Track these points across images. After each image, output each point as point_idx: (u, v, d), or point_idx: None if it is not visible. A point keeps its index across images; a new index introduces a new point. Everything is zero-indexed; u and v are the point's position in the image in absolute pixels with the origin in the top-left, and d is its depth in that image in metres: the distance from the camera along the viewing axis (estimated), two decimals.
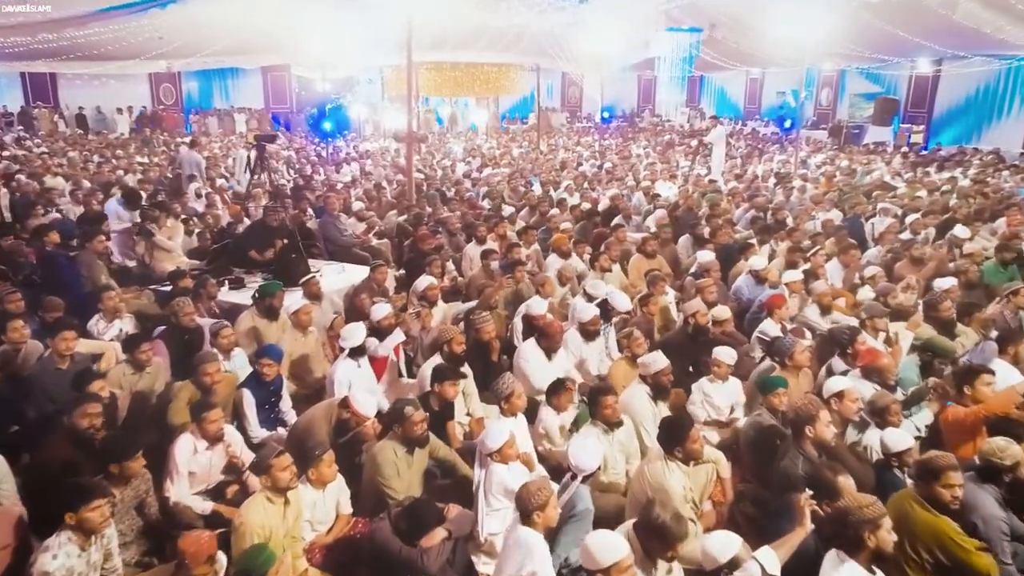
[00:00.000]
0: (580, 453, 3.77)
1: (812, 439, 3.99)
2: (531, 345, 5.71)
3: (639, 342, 5.64)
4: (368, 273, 7.57)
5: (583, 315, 6.09)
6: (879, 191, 12.89)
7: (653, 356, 5.05)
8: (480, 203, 13.31)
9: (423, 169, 17.84)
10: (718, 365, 5.33)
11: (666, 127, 31.73)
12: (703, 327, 6.11)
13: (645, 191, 13.35)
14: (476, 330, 5.76)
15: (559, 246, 8.77)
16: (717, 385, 5.36)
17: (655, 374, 4.94)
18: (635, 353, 5.54)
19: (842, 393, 4.47)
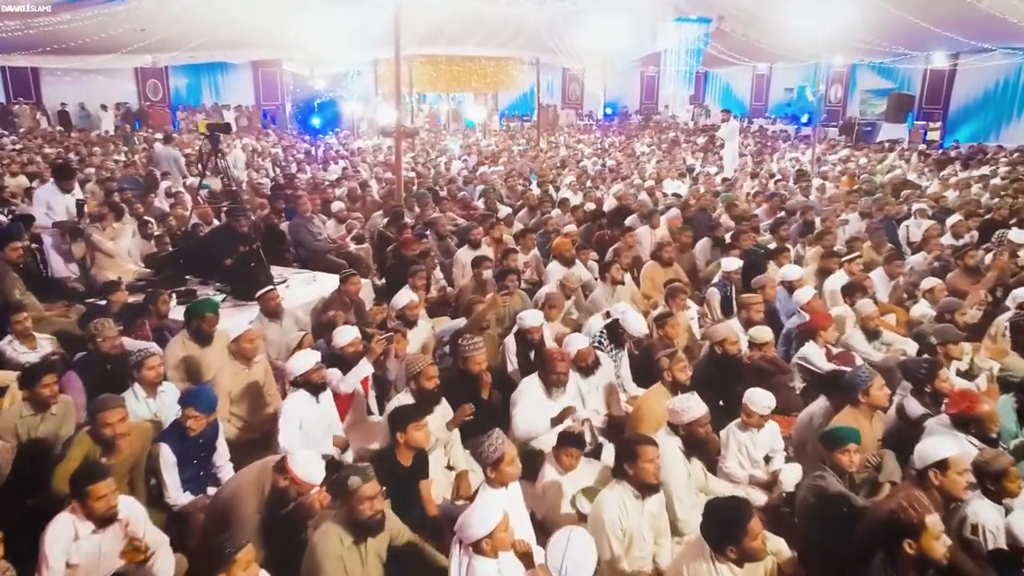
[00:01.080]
0: None
1: (914, 553, 2.78)
2: (531, 384, 4.59)
3: (683, 367, 4.52)
4: (338, 284, 6.50)
5: (571, 346, 4.96)
6: (908, 190, 11.81)
7: (687, 401, 3.96)
8: (475, 203, 12.25)
9: (416, 167, 16.81)
10: (749, 414, 4.26)
11: (670, 124, 30.62)
12: (735, 357, 5.03)
13: (649, 191, 12.27)
14: (463, 359, 4.69)
15: (561, 252, 7.71)
16: (752, 433, 4.28)
17: (689, 424, 3.86)
18: (677, 381, 4.46)
19: (946, 462, 3.28)
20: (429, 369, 4.24)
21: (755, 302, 5.77)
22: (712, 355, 5.11)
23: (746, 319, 5.75)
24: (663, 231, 9.39)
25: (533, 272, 8.43)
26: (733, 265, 6.97)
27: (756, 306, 5.74)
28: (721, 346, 5.01)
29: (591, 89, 34.16)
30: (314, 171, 16.16)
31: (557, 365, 4.40)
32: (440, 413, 4.34)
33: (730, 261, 7.04)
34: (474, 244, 8.14)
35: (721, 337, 5.01)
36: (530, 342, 5.36)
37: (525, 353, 5.42)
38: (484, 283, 7.25)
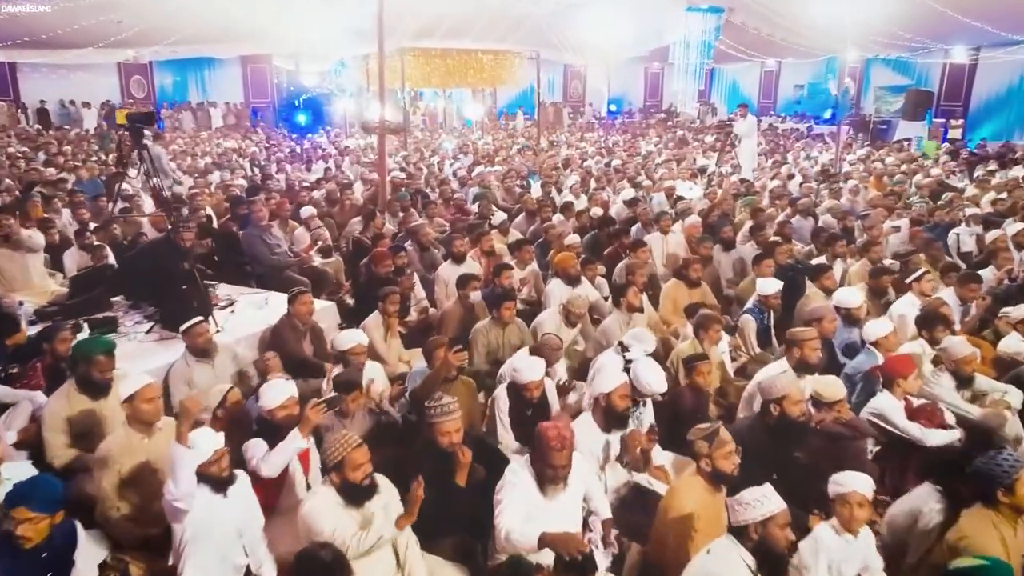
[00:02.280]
0: None
1: None
2: (521, 475, 3.20)
3: (728, 453, 3.26)
4: (287, 307, 5.27)
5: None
6: (950, 194, 10.55)
7: (756, 493, 2.76)
8: (468, 207, 11.02)
9: (407, 167, 15.58)
10: (847, 504, 3.02)
11: (676, 122, 29.35)
12: (798, 421, 3.78)
13: (668, 191, 11.03)
14: (428, 427, 3.45)
15: (565, 268, 6.47)
16: (846, 540, 3.03)
17: (764, 526, 2.65)
18: (720, 471, 3.25)
19: None
20: (355, 455, 2.99)
21: (810, 338, 4.52)
22: (766, 417, 3.86)
23: (799, 360, 4.50)
24: (678, 238, 8.16)
25: (531, 290, 7.21)
26: (772, 287, 5.73)
27: (812, 344, 4.49)
28: (780, 406, 3.76)
29: (594, 85, 32.95)
30: (293, 171, 14.92)
31: (555, 456, 3.10)
32: (383, 500, 3.12)
33: (768, 283, 5.79)
34: (457, 258, 6.92)
35: (780, 393, 3.76)
36: (527, 400, 4.13)
37: (520, 410, 4.19)
38: (471, 307, 6.02)
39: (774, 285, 5.74)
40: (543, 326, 5.64)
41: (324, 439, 3.72)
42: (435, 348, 4.48)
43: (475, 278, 6.02)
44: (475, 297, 5.93)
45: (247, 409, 3.81)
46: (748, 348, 5.80)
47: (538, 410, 4.23)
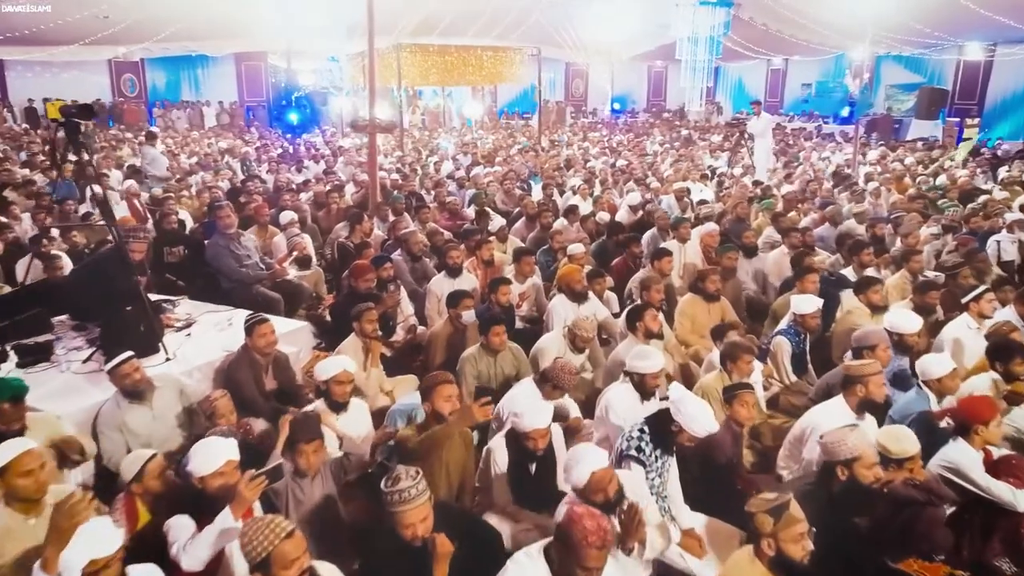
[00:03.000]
0: None
1: None
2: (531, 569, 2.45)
3: (799, 534, 2.52)
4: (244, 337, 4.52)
5: (580, 466, 2.86)
6: (987, 198, 9.78)
7: None
8: (465, 211, 10.28)
9: (402, 168, 14.85)
10: None
11: (683, 122, 28.60)
12: (871, 488, 3.01)
13: (679, 194, 10.26)
14: (389, 516, 2.67)
15: (570, 284, 5.72)
16: None
17: None
18: (787, 557, 2.49)
19: None
20: (285, 548, 2.24)
21: (874, 372, 3.74)
22: (830, 482, 3.10)
23: (862, 400, 3.73)
24: (695, 246, 7.40)
25: (532, 307, 6.46)
26: (809, 306, 4.97)
27: (877, 379, 3.72)
28: (849, 470, 3.00)
29: (598, 84, 32.20)
30: (282, 172, 14.17)
31: (590, 555, 2.23)
32: None
33: (805, 300, 5.03)
34: (452, 271, 6.18)
35: (849, 455, 2.99)
36: (530, 452, 3.38)
37: (521, 462, 3.44)
38: (464, 329, 5.27)
39: (812, 303, 4.98)
40: (545, 353, 4.89)
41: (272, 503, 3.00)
42: (435, 387, 3.51)
43: (467, 296, 5.26)
44: (468, 317, 5.18)
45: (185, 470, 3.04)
46: (782, 376, 5.05)
47: (543, 464, 3.48)
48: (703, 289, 5.79)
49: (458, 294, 5.25)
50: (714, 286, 5.83)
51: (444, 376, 3.55)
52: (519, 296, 6.30)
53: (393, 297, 5.69)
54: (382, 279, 5.92)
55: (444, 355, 5.25)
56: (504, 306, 5.72)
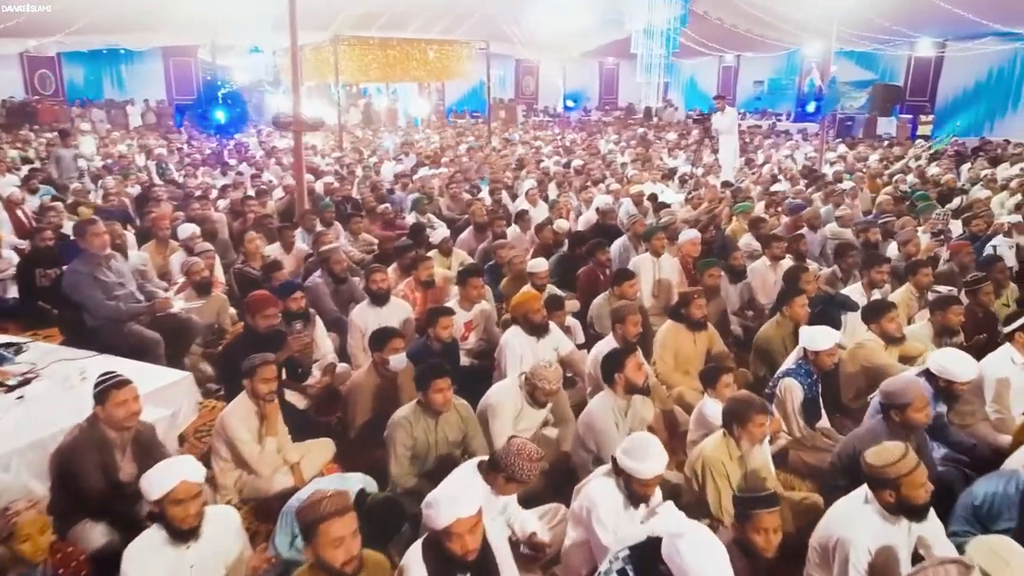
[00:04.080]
0: None
1: None
2: None
3: None
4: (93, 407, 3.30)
5: None
6: (975, 199, 9.09)
7: None
8: (403, 218, 9.10)
9: (340, 170, 13.58)
10: None
11: (637, 119, 27.83)
12: None
13: (636, 198, 9.28)
14: None
15: (527, 313, 4.62)
16: None
17: None
18: None
19: None
20: None
21: (907, 473, 2.63)
22: None
23: (898, 502, 2.70)
24: (672, 261, 6.39)
25: (480, 338, 5.34)
26: (825, 341, 3.97)
27: (912, 480, 2.63)
28: None
29: (548, 81, 31.30)
30: (206, 176, 12.76)
31: None
32: None
33: (820, 334, 4.01)
34: (377, 298, 5.02)
35: None
36: (459, 562, 2.29)
37: None
38: (393, 378, 4.13)
39: (828, 337, 3.98)
40: (497, 411, 3.80)
41: None
42: (317, 525, 2.30)
43: (395, 335, 4.10)
44: (397, 363, 4.04)
45: None
46: (792, 427, 4.06)
47: None
48: (687, 316, 4.77)
49: (384, 334, 4.09)
50: (700, 312, 4.81)
51: (334, 505, 2.32)
52: (464, 326, 5.19)
53: (300, 340, 4.50)
54: (292, 312, 4.73)
55: (369, 412, 4.09)
56: (445, 341, 4.60)
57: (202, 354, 5.30)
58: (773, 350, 4.75)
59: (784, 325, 4.77)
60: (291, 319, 4.69)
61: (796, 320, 4.70)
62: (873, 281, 5.44)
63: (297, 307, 4.80)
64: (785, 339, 4.76)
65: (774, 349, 4.75)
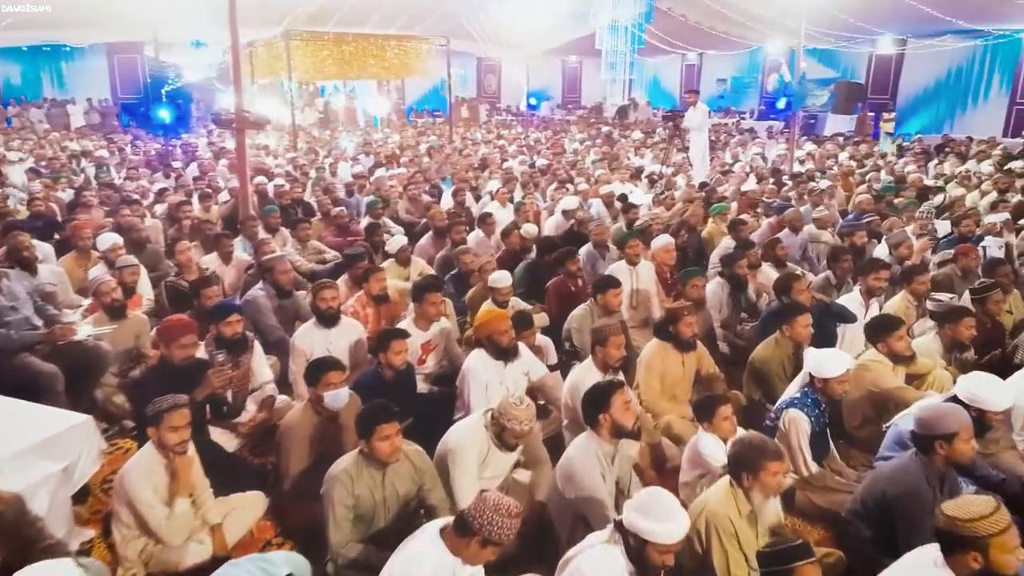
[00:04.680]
0: None
1: None
2: None
3: None
4: None
5: None
6: (955, 196, 8.77)
7: None
8: (358, 223, 8.42)
9: (292, 172, 12.81)
10: None
11: (599, 117, 27.40)
12: None
13: (607, 199, 8.76)
14: None
15: (493, 335, 4.02)
16: None
17: None
18: None
19: None
20: None
21: (1001, 530, 2.13)
22: None
23: (981, 571, 2.19)
24: (648, 269, 5.85)
25: (441, 360, 4.73)
26: (835, 367, 3.44)
27: (1003, 542, 2.17)
28: None
29: (511, 79, 30.74)
30: (144, 179, 11.88)
31: None
32: None
33: (829, 358, 3.48)
34: (325, 318, 4.38)
35: None
36: None
37: None
38: (335, 417, 3.49)
39: (838, 362, 3.47)
40: (458, 458, 3.19)
41: None
42: None
43: (332, 367, 3.45)
44: (334, 400, 3.40)
45: None
46: (799, 465, 3.53)
47: None
48: (676, 335, 4.22)
49: (319, 366, 3.44)
50: (690, 330, 4.27)
51: None
52: (421, 348, 4.57)
53: (221, 375, 3.81)
54: (229, 336, 4.05)
55: (306, 458, 3.45)
56: (399, 369, 3.98)
57: (118, 385, 4.58)
58: (770, 373, 4.24)
59: (783, 346, 4.26)
60: (226, 346, 4.01)
61: (797, 340, 4.19)
62: (871, 288, 4.97)
63: (232, 332, 4.12)
64: (784, 361, 4.25)
65: (772, 372, 4.24)
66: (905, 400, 3.83)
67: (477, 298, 5.43)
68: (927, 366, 4.17)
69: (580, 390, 3.60)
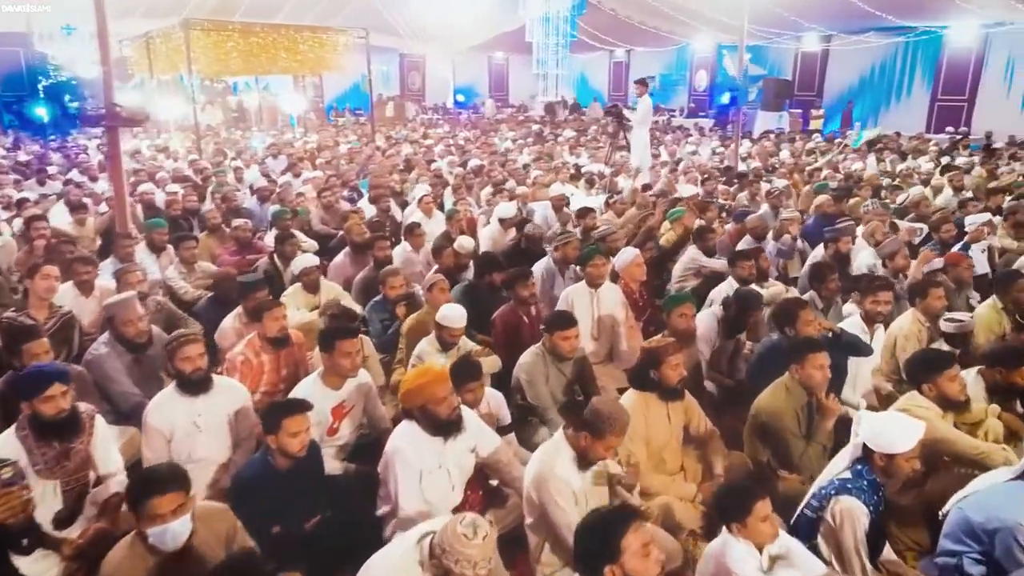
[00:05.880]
0: None
1: None
2: None
3: None
4: None
5: None
6: (920, 195, 8.18)
7: None
8: (262, 239, 7.14)
9: (192, 177, 11.33)
10: None
11: (527, 115, 26.45)
12: None
13: (556, 203, 7.77)
14: None
15: (427, 405, 2.92)
16: None
17: None
18: None
19: None
20: None
21: None
22: None
23: None
24: (614, 292, 4.86)
25: (358, 424, 3.59)
26: (907, 439, 2.51)
27: None
28: None
29: (436, 76, 29.49)
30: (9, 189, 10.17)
31: None
32: None
33: (896, 428, 2.55)
34: (191, 384, 3.20)
35: None
36: None
37: None
38: (182, 558, 2.32)
39: (911, 433, 2.54)
40: None
41: None
42: None
43: (162, 489, 2.24)
44: (159, 538, 2.23)
45: None
46: (854, 567, 2.59)
47: None
48: (661, 382, 3.25)
49: (141, 488, 2.25)
50: (677, 374, 3.30)
51: None
52: (332, 414, 3.43)
53: (7, 501, 2.55)
54: (44, 420, 2.81)
55: None
56: (296, 456, 2.85)
57: None
58: (782, 429, 3.31)
59: (795, 393, 3.34)
60: (48, 430, 2.77)
61: (811, 386, 3.28)
62: (870, 315, 4.13)
63: (55, 411, 2.87)
64: (798, 413, 3.34)
65: (784, 427, 3.31)
66: (962, 453, 2.99)
67: (417, 331, 4.33)
68: (978, 414, 3.33)
69: (548, 485, 2.58)
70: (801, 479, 3.29)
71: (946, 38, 20.05)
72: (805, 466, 3.30)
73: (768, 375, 3.66)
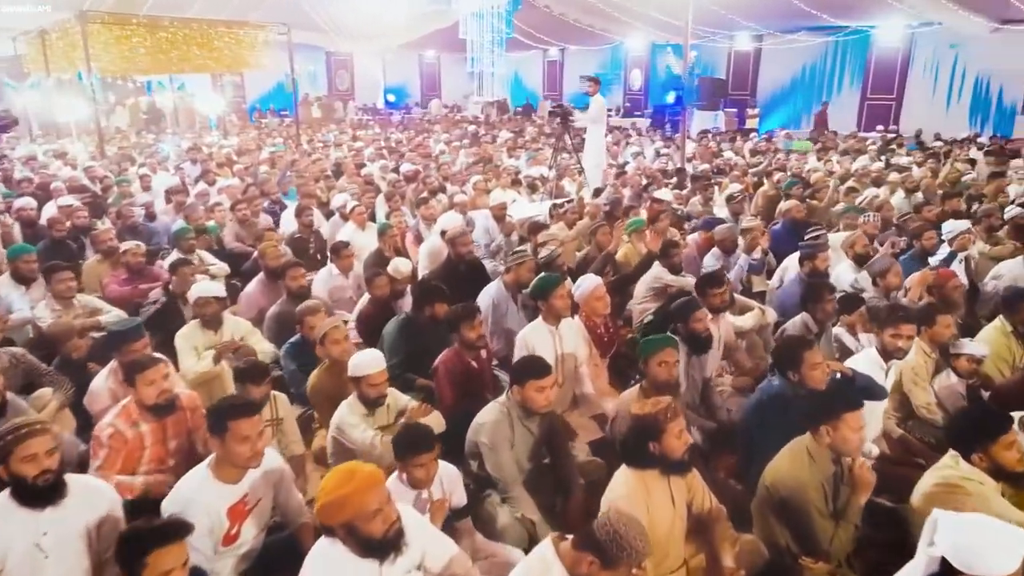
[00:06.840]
0: None
1: None
2: None
3: None
4: None
5: None
6: (881, 199, 7.79)
7: None
8: (160, 266, 6.11)
9: (91, 186, 10.13)
10: None
11: (460, 116, 25.61)
12: None
13: (497, 213, 7.03)
14: None
15: (354, 519, 2.12)
16: None
17: None
18: None
19: None
20: None
21: None
22: None
23: None
24: (575, 328, 4.14)
25: (270, 520, 2.76)
26: (1007, 561, 1.87)
27: None
28: None
29: (366, 75, 28.32)
30: None
31: None
32: None
33: (992, 543, 1.90)
34: (32, 493, 2.31)
35: None
36: None
37: None
38: None
39: (1012, 550, 1.90)
40: None
41: None
42: None
43: None
44: None
45: None
46: None
47: None
48: (663, 456, 2.55)
49: None
50: (682, 444, 2.61)
51: None
52: (228, 516, 2.59)
53: None
54: None
55: None
56: None
57: None
58: (806, 504, 2.66)
59: (821, 462, 2.69)
60: None
61: (846, 452, 2.65)
62: (888, 350, 3.55)
63: None
64: (825, 485, 2.69)
65: (808, 502, 2.66)
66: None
67: (324, 394, 3.51)
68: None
69: None
70: (830, 568, 2.66)
71: (873, 37, 20.28)
72: (833, 552, 2.67)
73: (773, 428, 3.03)
